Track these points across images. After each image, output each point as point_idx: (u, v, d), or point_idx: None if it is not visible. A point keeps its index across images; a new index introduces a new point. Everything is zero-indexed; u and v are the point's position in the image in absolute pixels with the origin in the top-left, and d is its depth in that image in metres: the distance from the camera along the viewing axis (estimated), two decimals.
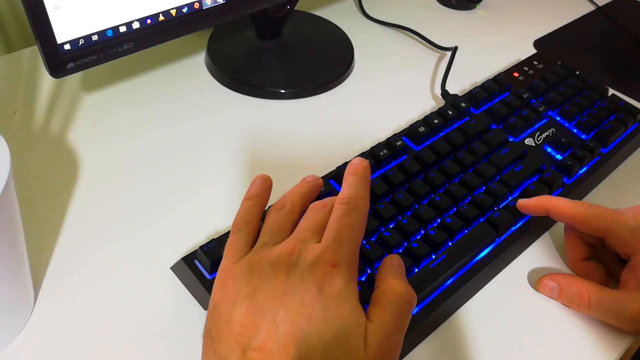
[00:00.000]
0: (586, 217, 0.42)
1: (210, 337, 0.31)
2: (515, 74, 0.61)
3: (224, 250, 0.35)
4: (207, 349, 0.31)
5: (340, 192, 0.36)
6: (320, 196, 0.44)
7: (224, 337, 0.30)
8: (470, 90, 0.57)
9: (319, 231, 0.34)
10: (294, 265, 0.32)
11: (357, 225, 0.34)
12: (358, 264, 0.33)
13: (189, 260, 0.41)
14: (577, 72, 0.61)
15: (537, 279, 0.44)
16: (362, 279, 0.40)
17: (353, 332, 0.30)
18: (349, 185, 0.36)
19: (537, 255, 0.47)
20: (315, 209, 0.36)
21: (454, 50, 0.67)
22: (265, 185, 0.39)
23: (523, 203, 0.45)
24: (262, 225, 0.36)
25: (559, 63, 0.62)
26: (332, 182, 0.47)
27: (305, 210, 0.37)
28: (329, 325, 0.30)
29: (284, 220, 0.36)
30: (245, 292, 0.31)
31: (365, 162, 0.38)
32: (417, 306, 0.40)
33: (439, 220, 0.45)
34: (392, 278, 0.34)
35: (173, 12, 0.49)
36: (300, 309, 0.30)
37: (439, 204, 0.45)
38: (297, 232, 0.34)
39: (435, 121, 0.52)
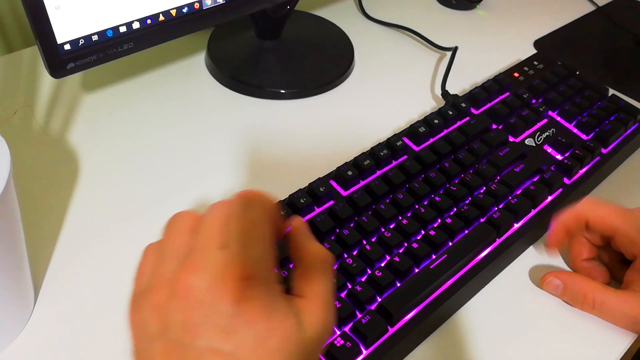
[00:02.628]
0: (597, 215, 0.43)
1: None
2: (516, 74, 0.61)
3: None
4: None
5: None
6: (320, 197, 0.45)
7: None
8: (471, 91, 0.57)
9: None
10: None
11: (264, 220, 0.29)
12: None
13: None
14: (577, 72, 0.61)
15: (537, 280, 0.44)
16: (363, 279, 0.40)
17: (291, 336, 0.27)
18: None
19: (537, 255, 0.47)
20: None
21: (454, 50, 0.67)
22: None
23: (550, 242, 0.46)
24: None
25: (559, 63, 0.62)
26: (332, 182, 0.47)
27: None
28: (269, 342, 0.26)
29: None
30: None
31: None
32: (417, 306, 0.40)
33: (439, 220, 0.45)
34: (309, 244, 0.31)
35: (173, 12, 0.49)
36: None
37: (439, 204, 0.45)
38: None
39: (436, 121, 0.52)
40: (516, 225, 0.46)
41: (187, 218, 0.31)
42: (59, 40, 0.44)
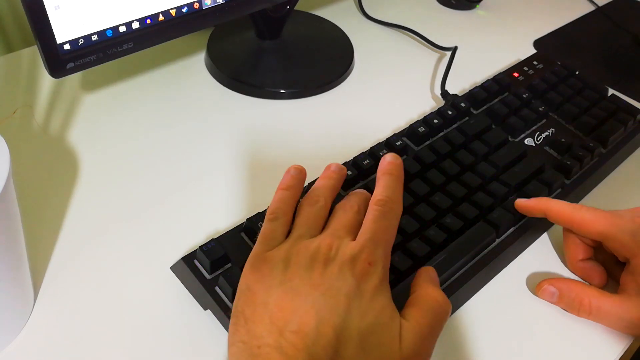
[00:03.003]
0: (584, 221, 0.42)
1: (243, 316, 0.32)
2: (515, 74, 0.61)
3: (258, 237, 0.36)
4: (239, 328, 0.32)
5: (375, 191, 0.37)
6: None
7: (258, 317, 0.31)
8: (470, 90, 0.57)
9: (351, 231, 0.35)
10: (332, 259, 0.33)
11: (391, 227, 0.36)
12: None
13: (188, 260, 0.41)
14: (577, 72, 0.61)
15: (536, 280, 0.44)
16: None
17: (388, 326, 0.31)
18: (385, 186, 0.37)
19: (536, 255, 0.47)
20: (344, 210, 0.37)
21: (454, 50, 0.67)
22: (300, 177, 0.40)
23: (521, 203, 0.45)
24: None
25: (559, 63, 0.62)
26: None
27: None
28: (366, 316, 0.31)
29: (318, 215, 0.37)
30: (283, 278, 0.32)
31: (399, 160, 0.39)
32: None
33: (438, 220, 0.45)
34: (430, 286, 0.35)
35: (173, 12, 0.49)
36: (339, 298, 0.31)
37: (438, 204, 0.45)
38: (332, 229, 0.35)
39: (435, 121, 0.52)
40: (515, 226, 0.46)
41: (358, 200, 0.38)
42: (59, 40, 0.44)
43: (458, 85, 0.63)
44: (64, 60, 0.45)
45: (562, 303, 0.43)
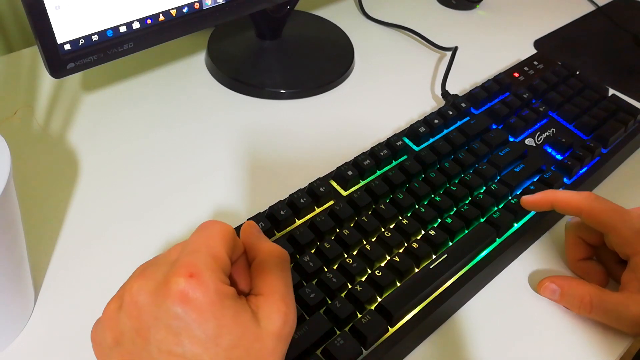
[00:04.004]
0: (594, 209, 0.42)
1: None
2: (516, 74, 0.61)
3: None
4: None
5: None
6: (320, 197, 0.45)
7: None
8: (471, 91, 0.57)
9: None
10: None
11: (214, 234, 0.30)
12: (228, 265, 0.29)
13: None
14: (577, 72, 0.61)
15: (537, 280, 0.44)
16: (363, 279, 0.40)
17: (246, 331, 0.27)
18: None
19: (537, 255, 0.47)
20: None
21: (454, 50, 0.67)
22: None
23: (527, 199, 0.45)
24: None
25: (559, 63, 0.62)
26: (332, 182, 0.47)
27: None
28: (221, 340, 0.27)
29: None
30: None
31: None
32: (417, 306, 0.40)
33: (439, 220, 0.45)
34: (262, 243, 0.32)
35: (173, 12, 0.49)
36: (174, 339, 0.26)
37: (439, 204, 0.45)
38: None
39: (436, 121, 0.52)
40: (516, 226, 0.46)
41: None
42: (59, 40, 0.44)
43: (458, 85, 0.63)
44: (65, 60, 0.45)
45: (563, 301, 0.43)
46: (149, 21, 0.48)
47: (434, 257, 0.42)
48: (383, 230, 0.43)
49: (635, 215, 0.42)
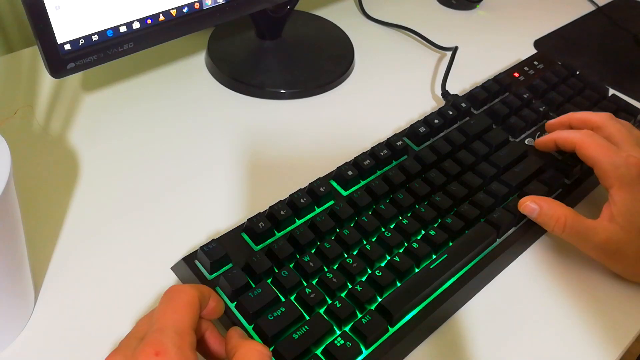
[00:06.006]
0: (584, 143, 0.45)
1: None
2: (516, 74, 0.61)
3: None
4: None
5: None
6: (321, 197, 0.45)
7: None
8: (471, 90, 0.57)
9: None
10: None
11: (179, 307, 0.31)
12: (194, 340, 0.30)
13: (189, 260, 0.41)
14: (577, 72, 0.61)
15: (537, 280, 0.44)
16: (363, 279, 0.40)
17: None
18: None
19: (537, 255, 0.47)
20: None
21: (454, 50, 0.67)
22: None
23: (539, 141, 0.50)
24: None
25: (559, 63, 0.62)
26: (332, 182, 0.47)
27: None
28: None
29: None
30: None
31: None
32: (417, 306, 0.40)
33: (439, 220, 0.45)
34: (246, 341, 0.33)
35: (173, 12, 0.49)
36: None
37: (439, 204, 0.45)
38: None
39: (436, 121, 0.52)
40: (516, 226, 0.46)
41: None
42: (59, 40, 0.44)
43: (458, 85, 0.63)
44: (65, 60, 0.45)
45: (540, 219, 0.45)
46: (149, 21, 0.48)
47: (434, 257, 0.42)
48: (383, 230, 0.43)
49: (622, 154, 0.44)
